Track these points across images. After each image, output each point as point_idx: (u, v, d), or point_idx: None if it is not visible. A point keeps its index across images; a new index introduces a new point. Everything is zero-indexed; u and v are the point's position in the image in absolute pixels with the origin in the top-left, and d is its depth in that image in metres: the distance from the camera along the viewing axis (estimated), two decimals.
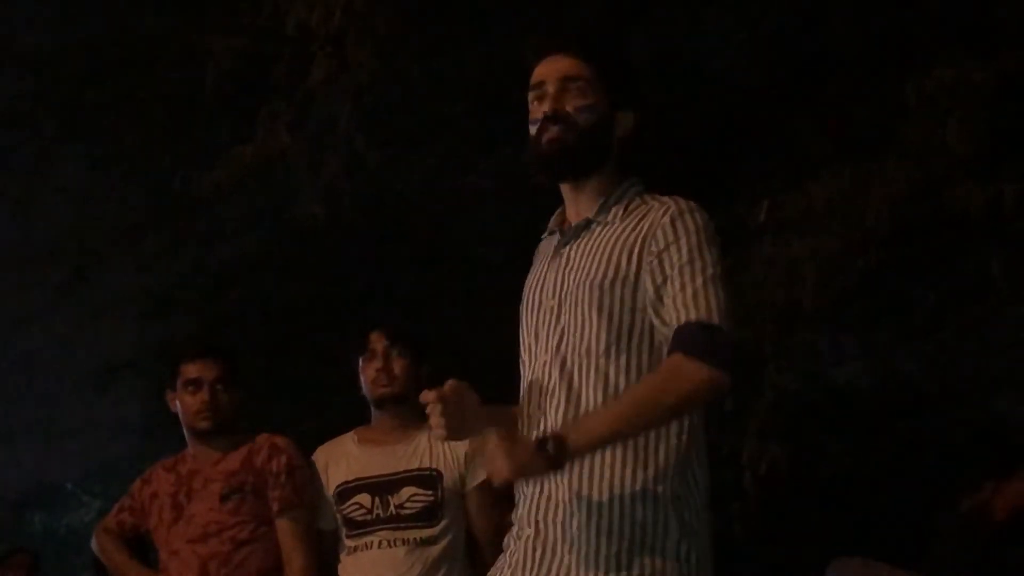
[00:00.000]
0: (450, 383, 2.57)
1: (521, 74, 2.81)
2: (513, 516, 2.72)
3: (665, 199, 2.65)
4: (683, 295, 2.51)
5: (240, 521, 3.94)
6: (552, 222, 2.81)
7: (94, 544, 4.16)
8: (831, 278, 4.85)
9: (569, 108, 2.68)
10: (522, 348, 2.75)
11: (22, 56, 7.39)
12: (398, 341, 3.95)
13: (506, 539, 2.72)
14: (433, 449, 3.91)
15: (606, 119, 2.69)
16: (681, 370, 2.46)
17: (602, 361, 2.56)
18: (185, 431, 4.11)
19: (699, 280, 2.52)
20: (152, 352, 7.83)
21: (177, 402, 4.08)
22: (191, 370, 4.05)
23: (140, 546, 4.14)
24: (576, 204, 2.75)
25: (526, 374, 2.71)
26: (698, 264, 2.53)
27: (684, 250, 2.55)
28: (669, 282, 2.53)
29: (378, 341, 3.96)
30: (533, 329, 2.70)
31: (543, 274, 2.74)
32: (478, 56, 5.91)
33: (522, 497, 2.68)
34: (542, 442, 2.44)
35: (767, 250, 4.99)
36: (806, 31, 5.36)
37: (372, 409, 4.03)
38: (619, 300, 2.58)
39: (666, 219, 2.59)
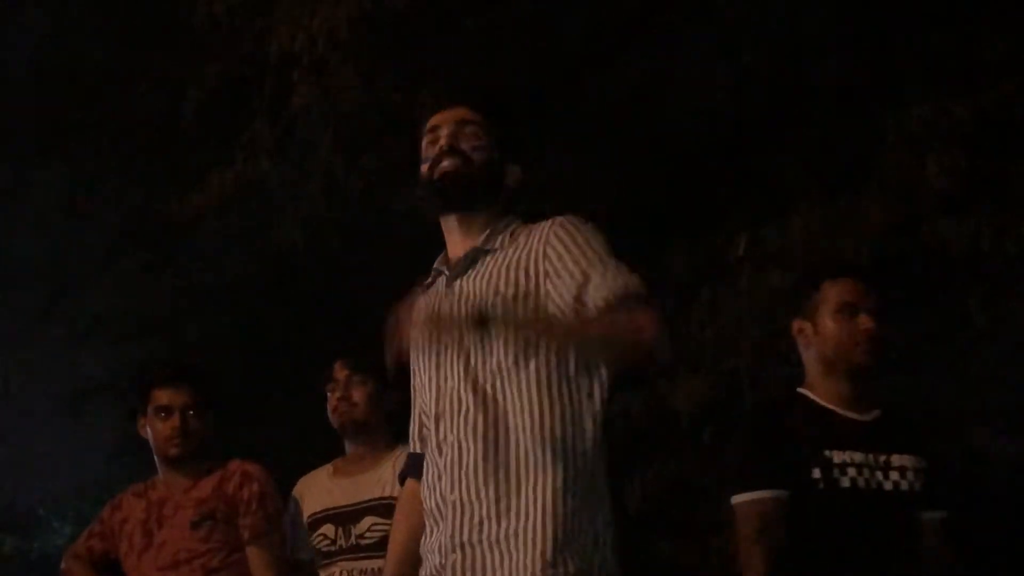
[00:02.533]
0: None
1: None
2: (423, 550, 2.73)
3: (544, 220, 2.72)
4: (604, 282, 2.57)
5: (211, 549, 3.91)
6: (437, 263, 2.84)
7: (63, 570, 4.12)
8: None
9: (464, 146, 2.75)
10: (422, 392, 2.77)
11: (1, 78, 7.38)
12: (359, 370, 3.94)
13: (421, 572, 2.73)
14: (395, 478, 3.90)
15: (497, 162, 2.76)
16: (645, 326, 2.51)
17: (512, 372, 2.60)
18: (156, 457, 4.08)
19: (611, 268, 2.59)
20: (126, 377, 7.79)
21: (148, 428, 4.05)
22: (162, 396, 4.03)
23: (109, 573, 4.10)
24: (463, 237, 2.77)
25: (430, 409, 2.72)
26: (605, 259, 2.61)
27: (585, 250, 2.62)
28: (586, 281, 2.59)
29: (340, 371, 3.98)
30: (433, 364, 2.72)
31: (432, 309, 2.75)
32: (459, 84, 5.91)
33: (435, 523, 2.69)
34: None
35: (746, 283, 4.99)
36: (786, 65, 5.37)
37: (343, 440, 4.03)
38: (523, 314, 2.61)
39: (552, 230, 2.67)
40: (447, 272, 2.79)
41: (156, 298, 7.88)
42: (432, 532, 2.70)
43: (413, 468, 2.85)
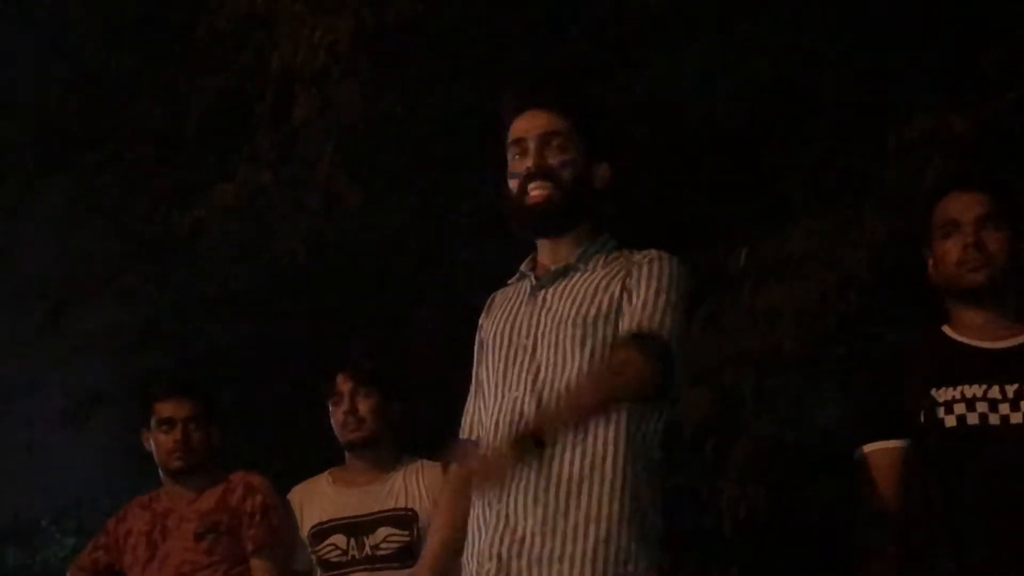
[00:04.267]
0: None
1: (500, 119, 2.83)
2: (464, 557, 2.72)
3: (643, 251, 2.75)
4: (642, 311, 2.62)
5: (214, 561, 3.93)
6: (524, 266, 2.82)
7: None
8: (810, 324, 4.86)
9: (553, 162, 2.72)
10: (483, 387, 2.77)
11: (3, 91, 7.39)
12: (364, 382, 3.92)
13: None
14: (408, 489, 3.90)
15: (586, 172, 2.74)
16: (625, 363, 2.56)
17: None
18: (160, 470, 4.09)
19: (660, 302, 2.63)
20: (130, 389, 7.79)
21: (151, 441, 4.07)
22: (164, 409, 4.04)
23: None
24: (554, 253, 2.78)
25: (490, 411, 2.72)
26: (663, 294, 2.65)
27: (654, 280, 2.66)
28: (634, 298, 2.64)
29: (344, 383, 3.93)
30: (501, 368, 2.72)
31: (513, 316, 2.76)
32: (461, 98, 5.93)
33: (478, 530, 2.67)
34: (518, 443, 2.50)
35: (746, 295, 5.00)
36: (787, 77, 5.38)
37: (346, 451, 4.02)
38: (601, 336, 2.63)
39: (644, 260, 2.70)
40: (533, 279, 2.79)
41: (159, 310, 7.88)
42: (475, 541, 2.69)
43: (460, 454, 2.83)
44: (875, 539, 2.94)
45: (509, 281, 2.88)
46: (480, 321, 2.89)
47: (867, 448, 2.95)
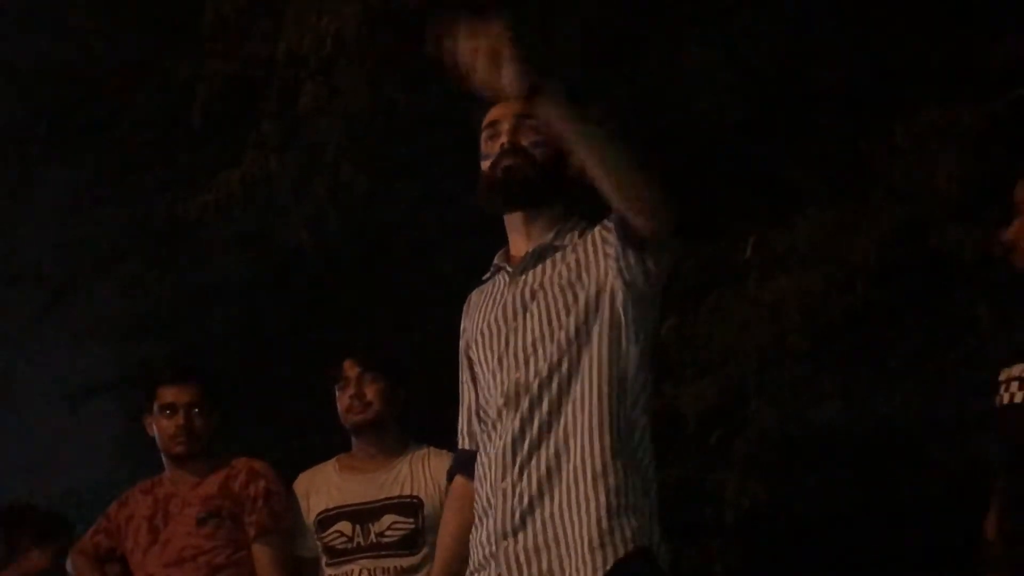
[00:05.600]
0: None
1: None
2: (471, 544, 2.72)
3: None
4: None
5: (216, 546, 3.92)
6: (498, 259, 2.81)
7: (69, 565, 4.14)
8: (816, 316, 4.85)
9: (524, 142, 2.72)
10: (480, 381, 2.76)
11: (6, 77, 7.37)
12: (371, 367, 3.91)
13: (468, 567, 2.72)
14: (414, 476, 3.89)
15: (560, 156, 2.71)
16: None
17: (575, 346, 2.61)
18: (162, 455, 4.09)
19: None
20: (130, 375, 7.79)
21: (153, 426, 4.06)
22: (167, 394, 4.04)
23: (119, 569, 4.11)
24: (528, 234, 2.76)
25: (494, 400, 2.70)
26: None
27: None
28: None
29: (351, 368, 3.93)
30: (495, 356, 2.71)
31: (495, 306, 2.75)
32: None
33: (484, 517, 2.68)
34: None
35: (752, 287, 4.99)
36: (795, 69, 5.37)
37: (352, 437, 4.01)
38: (591, 304, 2.62)
39: (600, 227, 2.68)
40: (509, 268, 2.77)
41: (161, 297, 7.88)
42: (482, 523, 2.68)
43: (461, 465, 2.84)
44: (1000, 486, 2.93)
45: (484, 278, 2.86)
46: (462, 326, 2.87)
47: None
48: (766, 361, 4.95)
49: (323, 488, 3.96)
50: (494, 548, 2.63)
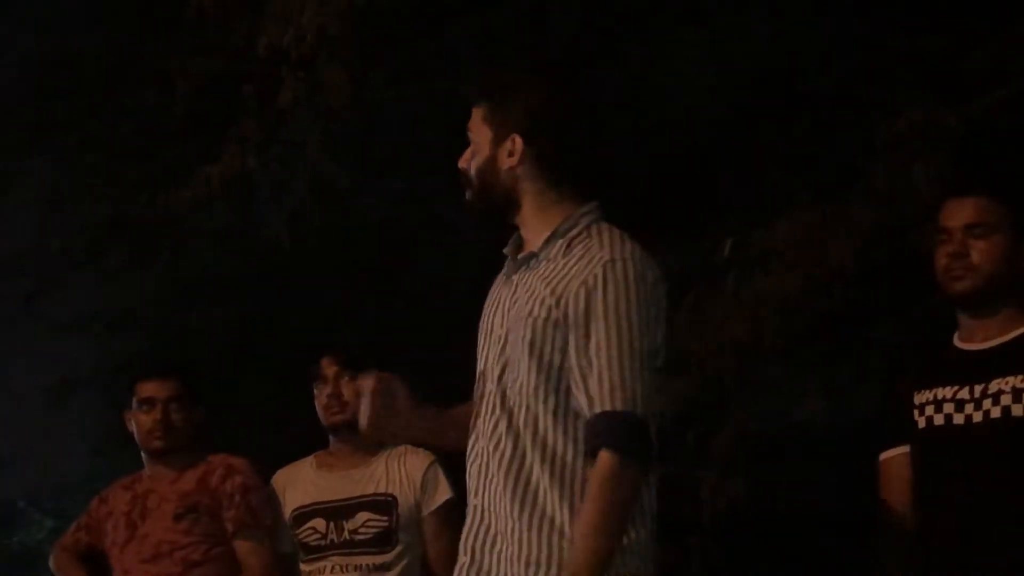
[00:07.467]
0: (376, 375, 2.58)
1: None
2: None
3: (605, 242, 2.59)
4: (605, 380, 2.48)
5: (193, 542, 3.93)
6: (510, 243, 2.78)
7: (52, 562, 4.15)
8: (794, 316, 4.86)
9: (464, 164, 2.73)
10: (479, 361, 2.75)
11: None
12: (349, 366, 3.92)
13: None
14: (390, 474, 3.91)
15: (490, 160, 2.67)
16: (612, 478, 2.45)
17: (532, 402, 2.55)
18: (141, 450, 4.09)
19: (624, 361, 2.48)
20: (109, 370, 7.77)
21: (132, 421, 4.06)
22: (146, 389, 4.05)
23: (99, 565, 4.11)
24: (526, 233, 2.72)
25: (479, 388, 2.71)
26: (625, 339, 2.49)
27: (611, 317, 2.50)
28: (593, 358, 2.50)
29: (329, 367, 3.95)
30: (485, 353, 2.71)
31: (493, 304, 2.74)
32: (447, 85, 5.91)
33: (467, 523, 2.68)
34: None
35: (731, 286, 4.99)
36: (775, 69, 5.38)
37: (329, 435, 4.02)
38: (550, 341, 2.55)
39: (598, 270, 2.54)
40: (512, 260, 2.74)
41: (141, 292, 7.85)
42: (465, 528, 2.70)
43: None
44: (885, 546, 2.99)
45: (504, 251, 2.85)
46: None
47: (881, 457, 3.01)
48: (744, 360, 4.95)
49: (300, 485, 3.98)
50: (461, 559, 2.67)
